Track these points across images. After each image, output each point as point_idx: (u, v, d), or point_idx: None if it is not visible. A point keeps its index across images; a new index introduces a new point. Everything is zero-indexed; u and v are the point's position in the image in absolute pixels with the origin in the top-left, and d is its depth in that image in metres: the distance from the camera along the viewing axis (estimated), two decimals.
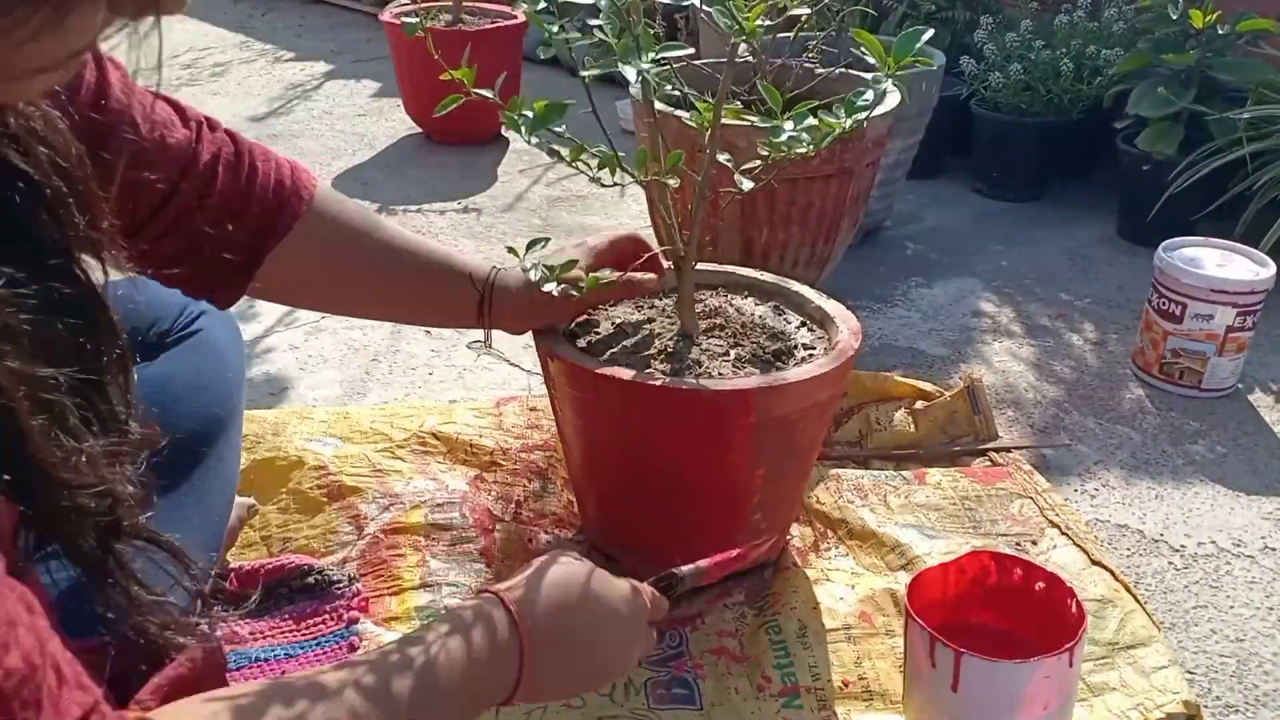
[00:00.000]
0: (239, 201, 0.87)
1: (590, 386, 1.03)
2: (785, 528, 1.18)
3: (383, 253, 0.98)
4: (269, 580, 1.09)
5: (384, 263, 0.98)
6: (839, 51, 1.83)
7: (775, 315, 1.16)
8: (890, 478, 1.33)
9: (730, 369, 1.04)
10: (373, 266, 0.98)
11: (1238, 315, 1.56)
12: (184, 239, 0.85)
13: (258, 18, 4.09)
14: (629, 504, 1.13)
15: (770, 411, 1.01)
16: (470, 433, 1.37)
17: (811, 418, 1.06)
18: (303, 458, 1.29)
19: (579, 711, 0.97)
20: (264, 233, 0.89)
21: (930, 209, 2.36)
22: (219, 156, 0.86)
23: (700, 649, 1.05)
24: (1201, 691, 1.08)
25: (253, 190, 0.88)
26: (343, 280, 0.98)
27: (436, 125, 2.71)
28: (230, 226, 0.86)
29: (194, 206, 0.85)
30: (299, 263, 0.92)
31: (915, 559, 1.18)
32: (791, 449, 1.07)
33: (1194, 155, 1.96)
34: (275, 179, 0.90)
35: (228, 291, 0.91)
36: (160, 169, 0.82)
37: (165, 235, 0.84)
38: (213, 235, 0.86)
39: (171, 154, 0.83)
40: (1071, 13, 2.42)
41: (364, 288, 1.00)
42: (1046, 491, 1.31)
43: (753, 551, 0.95)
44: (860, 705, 1.01)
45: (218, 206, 0.86)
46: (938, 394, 1.46)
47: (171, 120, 0.84)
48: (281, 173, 0.91)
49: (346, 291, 1.00)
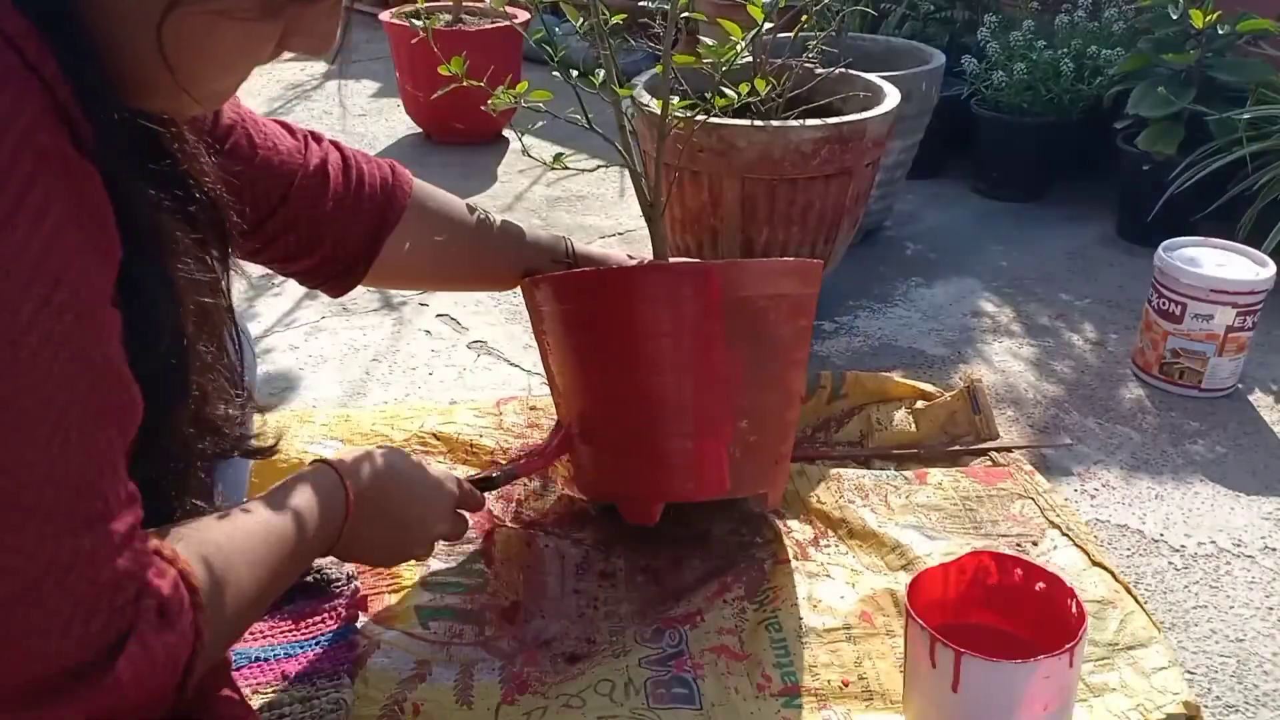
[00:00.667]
0: (351, 200, 1.00)
1: (572, 291, 1.09)
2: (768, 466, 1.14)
3: (477, 235, 1.11)
4: None
5: (478, 244, 1.12)
6: (839, 51, 1.83)
7: None
8: (891, 478, 1.33)
9: None
10: (468, 247, 1.11)
11: (1238, 315, 1.56)
12: (303, 235, 0.98)
13: None
14: (620, 429, 1.11)
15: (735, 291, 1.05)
16: (470, 433, 1.37)
17: (781, 310, 1.09)
18: (304, 461, 1.28)
19: (578, 712, 0.97)
20: (378, 226, 1.02)
21: (930, 209, 2.36)
22: (327, 160, 0.98)
23: (700, 648, 1.05)
24: (1201, 691, 1.08)
25: (362, 189, 1.01)
26: (445, 262, 1.11)
27: (436, 125, 2.71)
28: (345, 223, 0.99)
29: (309, 205, 0.97)
30: (407, 250, 1.05)
31: (916, 559, 1.18)
32: (763, 341, 1.08)
33: (1194, 155, 1.96)
34: (380, 178, 1.03)
35: (345, 281, 1.04)
36: (275, 173, 0.94)
37: (283, 233, 0.96)
38: (331, 232, 0.99)
39: (285, 159, 0.95)
40: (1072, 13, 2.42)
41: (464, 266, 1.14)
42: (1048, 492, 1.31)
43: (557, 452, 1.12)
44: (860, 705, 1.01)
45: (333, 205, 0.98)
46: (938, 395, 1.46)
47: (280, 132, 0.96)
48: (384, 171, 1.04)
49: (448, 270, 1.14)
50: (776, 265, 1.07)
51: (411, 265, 1.08)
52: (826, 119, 1.61)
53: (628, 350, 1.07)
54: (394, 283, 1.16)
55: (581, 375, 1.13)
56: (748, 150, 1.59)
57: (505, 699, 0.98)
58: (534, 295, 1.14)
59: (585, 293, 1.09)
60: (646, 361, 1.07)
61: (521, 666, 1.02)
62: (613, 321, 1.07)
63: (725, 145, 1.59)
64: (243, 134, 0.92)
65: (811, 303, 1.15)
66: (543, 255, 1.15)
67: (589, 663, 1.03)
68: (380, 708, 0.96)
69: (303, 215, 0.97)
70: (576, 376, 1.13)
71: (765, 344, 1.09)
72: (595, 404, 1.13)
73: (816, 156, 1.61)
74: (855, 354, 1.73)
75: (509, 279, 1.17)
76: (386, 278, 1.09)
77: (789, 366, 1.14)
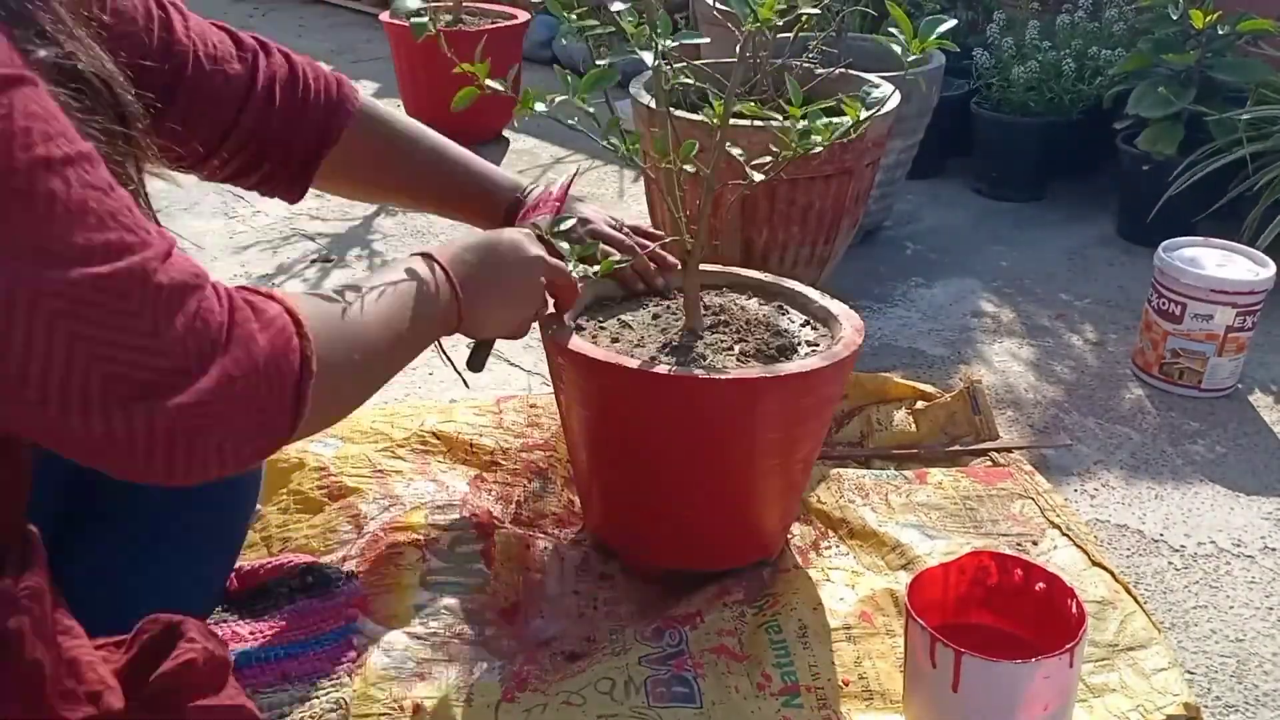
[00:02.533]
0: (296, 116, 1.01)
1: (598, 377, 1.03)
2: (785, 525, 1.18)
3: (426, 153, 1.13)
4: (269, 579, 1.09)
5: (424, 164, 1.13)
6: (839, 51, 1.83)
7: (778, 313, 1.16)
8: (891, 477, 1.33)
9: (734, 363, 1.04)
10: (417, 165, 1.13)
11: (1237, 315, 1.56)
12: (251, 154, 1.00)
13: (257, 17, 4.09)
14: (633, 499, 1.13)
15: (774, 402, 1.01)
16: (470, 432, 1.37)
17: (814, 412, 1.06)
18: (303, 459, 1.28)
19: (579, 710, 0.97)
20: (319, 141, 1.03)
21: (930, 209, 2.36)
22: (275, 78, 0.99)
23: (700, 648, 1.05)
24: (1201, 692, 1.08)
25: (307, 103, 1.02)
26: (391, 175, 1.13)
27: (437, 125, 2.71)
28: (291, 135, 1.01)
29: (256, 126, 0.98)
30: (349, 164, 1.06)
31: (916, 559, 1.18)
32: (795, 443, 1.07)
33: (1194, 155, 1.96)
34: (325, 93, 1.04)
35: (294, 188, 1.06)
36: (223, 100, 0.95)
37: (237, 151, 0.98)
38: (276, 147, 1.01)
39: (233, 84, 0.96)
40: (1072, 13, 2.42)
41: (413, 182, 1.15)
42: (1048, 492, 1.31)
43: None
44: (860, 704, 1.01)
45: (279, 124, 0.99)
46: (938, 395, 1.46)
47: (229, 54, 0.97)
48: (330, 86, 1.05)
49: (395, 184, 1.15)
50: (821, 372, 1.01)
51: (354, 179, 1.11)
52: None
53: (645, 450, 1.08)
54: (345, 190, 1.17)
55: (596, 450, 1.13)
56: (759, 149, 1.59)
57: (505, 696, 0.98)
58: (554, 358, 1.10)
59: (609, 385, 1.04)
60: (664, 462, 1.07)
61: (521, 665, 1.02)
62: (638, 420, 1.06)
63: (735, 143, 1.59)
64: (194, 61, 0.92)
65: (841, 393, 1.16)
66: (500, 190, 1.16)
67: (589, 660, 1.03)
68: (380, 707, 0.96)
69: (254, 133, 0.98)
70: (591, 448, 1.13)
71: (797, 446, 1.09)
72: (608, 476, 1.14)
73: (816, 156, 1.60)
74: None
75: (464, 204, 1.18)
76: (335, 184, 1.12)
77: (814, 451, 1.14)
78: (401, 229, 2.21)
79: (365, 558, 1.14)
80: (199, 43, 0.93)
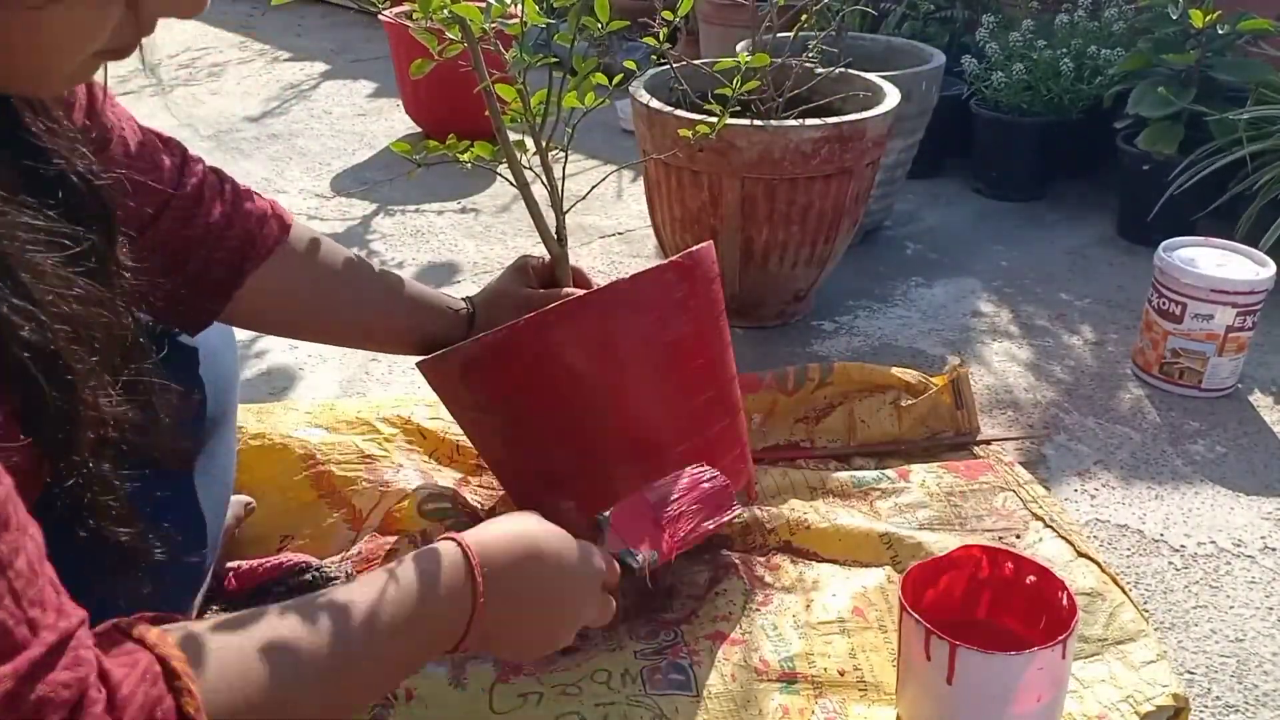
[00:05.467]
0: (223, 223, 0.93)
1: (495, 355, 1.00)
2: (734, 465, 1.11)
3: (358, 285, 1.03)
4: (266, 579, 1.09)
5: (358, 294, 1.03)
6: (839, 51, 1.83)
7: None
8: (877, 479, 1.32)
9: None
10: (345, 296, 1.03)
11: (1238, 315, 1.56)
12: (168, 255, 0.89)
13: (256, 17, 4.09)
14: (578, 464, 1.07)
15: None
16: (458, 431, 1.35)
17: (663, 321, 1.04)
18: (288, 444, 1.28)
19: (575, 699, 0.98)
20: (242, 257, 0.94)
21: (930, 209, 2.36)
22: (205, 181, 0.92)
23: (696, 635, 1.06)
24: (1201, 691, 1.08)
25: (237, 213, 0.94)
26: (320, 305, 1.02)
27: (436, 125, 2.71)
28: (211, 247, 0.92)
29: (180, 225, 0.90)
30: (274, 289, 0.97)
31: (905, 555, 1.18)
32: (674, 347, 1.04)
33: (1194, 155, 1.96)
34: (258, 209, 0.96)
35: (201, 312, 0.95)
36: (150, 189, 0.87)
37: (150, 251, 0.86)
38: (197, 254, 0.91)
39: (162, 174, 0.88)
40: (1072, 12, 2.42)
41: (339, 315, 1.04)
42: (1029, 484, 1.31)
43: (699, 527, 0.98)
44: (855, 694, 1.01)
45: (202, 230, 0.91)
46: (922, 384, 1.45)
47: (157, 145, 0.90)
48: (261, 203, 0.97)
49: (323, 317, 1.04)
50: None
51: (277, 305, 0.99)
52: (826, 119, 1.61)
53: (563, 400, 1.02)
54: (260, 323, 1.03)
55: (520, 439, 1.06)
56: (748, 150, 1.59)
57: (500, 678, 1.00)
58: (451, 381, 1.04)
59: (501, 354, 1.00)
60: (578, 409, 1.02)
61: None
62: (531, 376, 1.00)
63: (725, 145, 1.59)
64: (120, 143, 0.85)
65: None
66: (437, 317, 1.07)
67: (584, 655, 1.04)
68: None
69: (173, 234, 0.90)
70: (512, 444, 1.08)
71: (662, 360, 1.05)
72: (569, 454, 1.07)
73: (816, 156, 1.61)
74: (855, 354, 1.73)
75: (393, 340, 1.09)
76: (251, 315, 0.98)
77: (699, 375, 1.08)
78: (401, 229, 2.21)
79: (363, 556, 1.14)
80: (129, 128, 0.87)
